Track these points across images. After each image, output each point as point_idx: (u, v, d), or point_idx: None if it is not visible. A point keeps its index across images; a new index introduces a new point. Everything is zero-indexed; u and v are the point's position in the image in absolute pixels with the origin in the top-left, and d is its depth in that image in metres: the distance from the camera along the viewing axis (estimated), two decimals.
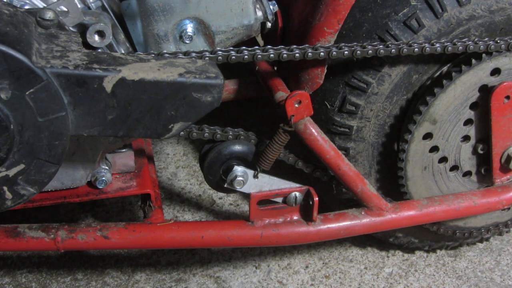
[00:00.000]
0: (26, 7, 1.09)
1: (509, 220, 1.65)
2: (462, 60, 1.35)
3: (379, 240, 1.67)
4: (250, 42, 1.49)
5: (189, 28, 1.19)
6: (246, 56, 1.19)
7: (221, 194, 1.89)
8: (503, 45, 1.30)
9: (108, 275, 1.63)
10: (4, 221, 1.31)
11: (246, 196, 1.67)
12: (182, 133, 1.26)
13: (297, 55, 1.22)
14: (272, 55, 1.21)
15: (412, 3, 1.29)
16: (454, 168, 1.48)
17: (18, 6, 1.09)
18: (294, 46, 1.23)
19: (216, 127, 1.31)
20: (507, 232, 1.75)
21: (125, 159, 1.36)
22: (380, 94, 1.34)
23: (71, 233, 1.28)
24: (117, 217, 1.80)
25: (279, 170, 1.44)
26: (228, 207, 1.86)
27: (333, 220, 1.37)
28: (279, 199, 1.35)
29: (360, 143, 1.40)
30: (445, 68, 1.37)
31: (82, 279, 1.61)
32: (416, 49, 1.25)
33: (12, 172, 1.00)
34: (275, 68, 1.47)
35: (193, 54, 1.14)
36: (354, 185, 1.36)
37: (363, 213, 1.39)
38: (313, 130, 1.29)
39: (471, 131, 1.43)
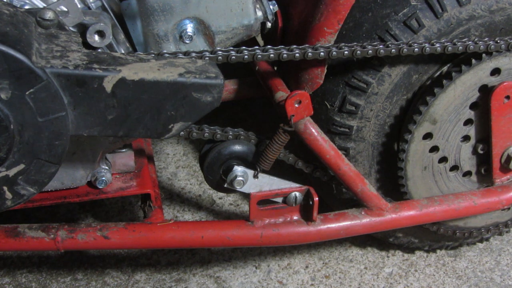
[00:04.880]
0: (26, 7, 1.09)
1: (509, 220, 1.65)
2: (462, 60, 1.35)
3: (379, 240, 1.67)
4: (250, 42, 1.49)
5: (189, 28, 1.19)
6: (246, 56, 1.19)
7: (221, 194, 1.89)
8: (503, 45, 1.30)
9: (108, 275, 1.63)
10: (4, 221, 1.31)
11: (246, 196, 1.67)
12: (182, 133, 1.26)
13: (297, 55, 1.22)
14: (272, 55, 1.21)
15: (412, 3, 1.29)
16: (454, 168, 1.48)
17: (18, 6, 1.09)
18: (294, 46, 1.23)
19: (216, 127, 1.31)
20: (507, 232, 1.75)
21: (125, 159, 1.36)
22: (380, 94, 1.34)
23: (71, 233, 1.28)
24: (117, 217, 1.80)
25: (279, 170, 1.44)
26: (228, 207, 1.86)
27: (333, 220, 1.37)
28: (279, 199, 1.35)
29: (360, 143, 1.40)
30: (445, 68, 1.37)
31: (82, 279, 1.61)
32: (416, 49, 1.25)
33: (12, 172, 1.00)
34: (275, 68, 1.47)
35: (193, 54, 1.14)
36: (354, 185, 1.36)
37: (363, 213, 1.39)
38: (313, 130, 1.29)
39: (471, 131, 1.43)
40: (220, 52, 1.17)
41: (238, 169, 1.30)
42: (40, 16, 1.02)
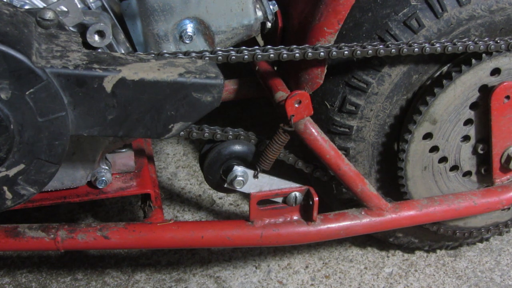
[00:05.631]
0: (26, 7, 1.09)
1: (509, 220, 1.65)
2: (462, 60, 1.35)
3: (379, 240, 1.67)
4: (250, 42, 1.49)
5: (189, 28, 1.19)
6: (246, 56, 1.19)
7: (221, 194, 1.89)
8: (503, 45, 1.30)
9: (108, 275, 1.63)
10: (4, 221, 1.31)
11: (246, 196, 1.67)
12: (182, 133, 1.26)
13: (297, 55, 1.22)
14: (272, 55, 1.21)
15: (412, 3, 1.29)
16: (454, 168, 1.48)
17: (18, 6, 1.09)
18: (294, 46, 1.23)
19: (216, 127, 1.31)
20: (507, 232, 1.75)
21: (125, 159, 1.36)
22: (380, 94, 1.34)
23: (71, 233, 1.28)
24: (117, 217, 1.80)
25: (279, 170, 1.44)
26: (228, 207, 1.86)
27: (333, 220, 1.37)
28: (279, 199, 1.35)
29: (360, 143, 1.40)
30: (445, 68, 1.37)
31: (82, 279, 1.61)
32: (416, 49, 1.25)
33: (12, 172, 1.00)
34: (275, 68, 1.47)
35: (193, 54, 1.14)
36: (354, 185, 1.36)
37: (363, 213, 1.39)
38: (313, 130, 1.29)
39: (471, 131, 1.43)
40: (220, 52, 1.17)
41: (238, 169, 1.30)
42: (40, 16, 1.02)
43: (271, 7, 1.28)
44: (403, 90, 1.36)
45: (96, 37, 1.13)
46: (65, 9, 1.10)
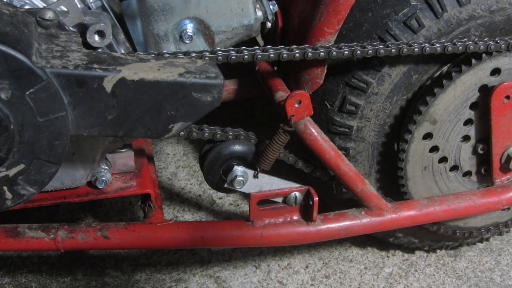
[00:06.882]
0: (26, 7, 1.09)
1: (509, 220, 1.65)
2: (462, 60, 1.35)
3: (379, 240, 1.67)
4: (250, 42, 1.49)
5: (189, 28, 1.19)
6: (246, 56, 1.19)
7: (221, 194, 1.89)
8: (503, 45, 1.30)
9: (108, 275, 1.63)
10: (4, 221, 1.31)
11: (246, 196, 1.67)
12: (182, 133, 1.26)
13: (297, 55, 1.22)
14: (272, 55, 1.21)
15: (412, 3, 1.29)
16: (454, 168, 1.48)
17: (18, 6, 1.09)
18: (294, 46, 1.23)
19: (216, 127, 1.31)
20: (507, 232, 1.75)
21: (125, 159, 1.36)
22: (380, 94, 1.34)
23: (71, 233, 1.28)
24: (117, 217, 1.80)
25: (279, 170, 1.44)
26: (228, 207, 1.86)
27: (333, 220, 1.37)
28: (279, 199, 1.35)
29: (360, 143, 1.40)
30: (445, 68, 1.37)
31: (82, 279, 1.61)
32: (416, 49, 1.25)
33: (12, 172, 1.00)
34: (275, 68, 1.47)
35: (193, 54, 1.15)
36: (354, 185, 1.36)
37: (363, 213, 1.39)
38: (313, 130, 1.29)
39: (471, 131, 1.43)
40: (220, 52, 1.17)
41: (238, 169, 1.30)
42: (40, 16, 1.02)
43: (271, 7, 1.28)
44: (403, 90, 1.36)
45: (96, 37, 1.13)
46: (65, 9, 1.10)
